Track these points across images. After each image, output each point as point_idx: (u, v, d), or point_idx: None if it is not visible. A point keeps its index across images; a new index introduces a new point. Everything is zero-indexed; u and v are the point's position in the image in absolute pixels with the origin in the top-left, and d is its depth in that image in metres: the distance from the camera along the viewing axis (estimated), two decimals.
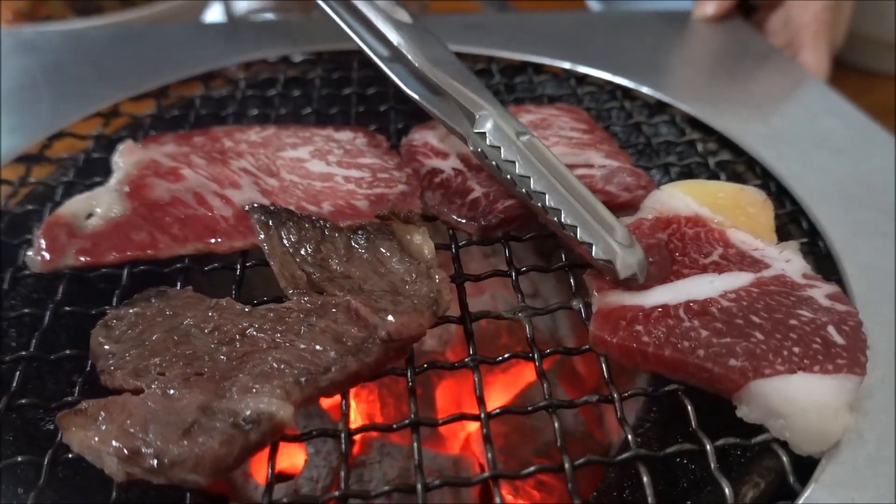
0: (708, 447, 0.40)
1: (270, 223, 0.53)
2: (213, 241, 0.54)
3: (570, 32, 0.89)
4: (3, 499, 0.41)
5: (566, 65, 0.81)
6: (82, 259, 0.52)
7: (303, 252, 0.52)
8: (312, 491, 0.66)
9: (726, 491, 0.38)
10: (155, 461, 0.37)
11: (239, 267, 0.53)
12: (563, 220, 0.49)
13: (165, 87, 0.75)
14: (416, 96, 0.61)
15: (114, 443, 0.38)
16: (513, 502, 0.70)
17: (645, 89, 0.76)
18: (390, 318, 0.44)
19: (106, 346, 0.44)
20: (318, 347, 0.44)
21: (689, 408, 0.42)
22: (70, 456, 0.39)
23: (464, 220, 0.56)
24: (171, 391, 0.41)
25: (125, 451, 0.37)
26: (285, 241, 0.52)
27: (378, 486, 0.68)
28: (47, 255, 0.52)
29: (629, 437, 0.41)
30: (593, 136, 0.65)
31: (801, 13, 0.84)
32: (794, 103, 0.74)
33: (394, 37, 0.63)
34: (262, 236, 0.53)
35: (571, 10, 1.00)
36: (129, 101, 0.73)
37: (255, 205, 0.55)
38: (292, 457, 0.73)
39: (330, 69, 0.82)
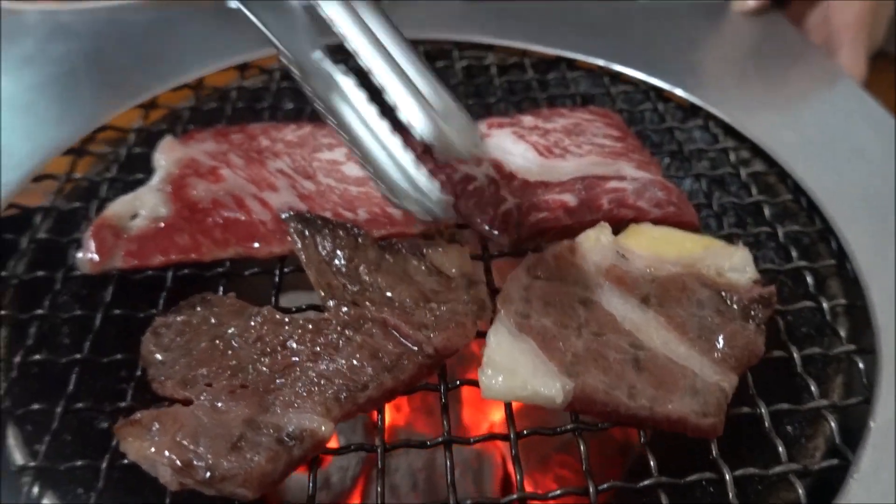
0: (727, 477, 0.42)
1: (306, 232, 0.55)
2: (253, 245, 0.56)
3: (605, 24, 0.88)
4: (65, 499, 0.44)
5: (600, 62, 0.80)
6: (129, 261, 0.54)
7: (337, 262, 0.53)
8: (342, 480, 0.69)
9: None
10: (207, 474, 0.39)
11: (278, 272, 0.55)
12: (388, 99, 0.47)
13: (201, 79, 0.76)
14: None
15: (166, 453, 0.40)
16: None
17: (679, 91, 0.75)
18: (435, 334, 0.46)
19: (157, 356, 0.47)
20: (355, 363, 0.46)
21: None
22: (125, 462, 0.42)
23: (496, 233, 0.57)
24: (219, 403, 0.43)
25: (178, 462, 0.40)
26: (321, 250, 0.54)
27: (404, 476, 0.72)
28: (96, 257, 0.54)
29: (651, 462, 0.43)
30: (625, 145, 0.65)
31: (842, 12, 0.82)
32: (828, 109, 0.73)
33: None
34: (300, 245, 0.54)
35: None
36: (168, 92, 0.74)
37: (292, 213, 0.56)
38: None
39: None
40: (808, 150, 0.66)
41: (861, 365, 0.48)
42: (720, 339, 0.46)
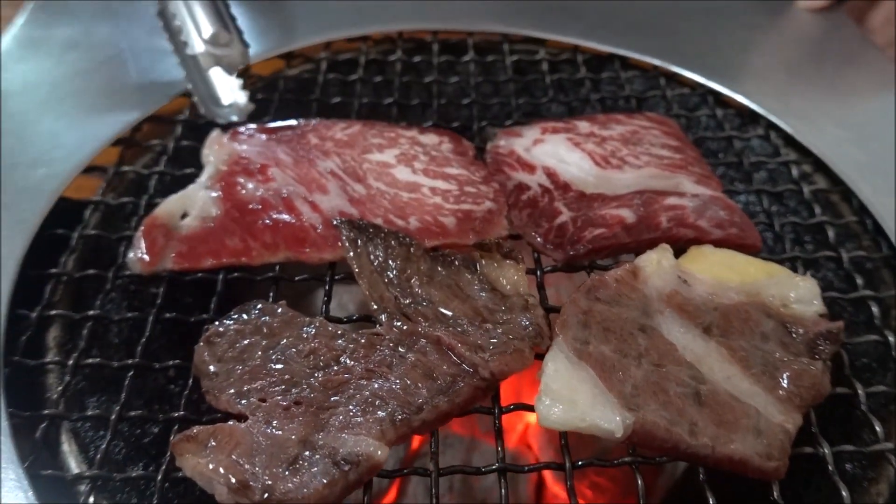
0: None
1: (359, 241, 0.54)
2: (304, 250, 0.55)
3: (662, 21, 0.85)
4: None
5: (656, 61, 0.77)
6: (180, 263, 0.54)
7: (389, 273, 0.52)
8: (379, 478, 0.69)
9: None
10: (264, 495, 0.39)
11: (328, 280, 0.55)
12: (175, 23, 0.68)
13: (248, 67, 0.75)
14: None
15: (223, 471, 0.40)
16: (565, 501, 0.73)
17: (739, 97, 0.73)
18: (492, 358, 0.45)
19: (210, 367, 0.46)
20: (409, 383, 0.45)
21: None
22: (180, 475, 0.42)
23: (550, 247, 0.56)
24: (274, 421, 0.43)
25: (234, 481, 0.40)
26: (373, 259, 0.53)
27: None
28: (147, 258, 0.53)
29: (711, 501, 0.42)
30: (684, 156, 0.63)
31: None
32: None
33: None
34: (352, 254, 0.54)
35: None
36: None
37: (343, 220, 0.55)
38: None
39: (410, 51, 0.80)
40: (875, 170, 0.63)
41: None
42: (785, 376, 0.45)
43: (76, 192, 0.61)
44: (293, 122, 0.66)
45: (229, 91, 0.66)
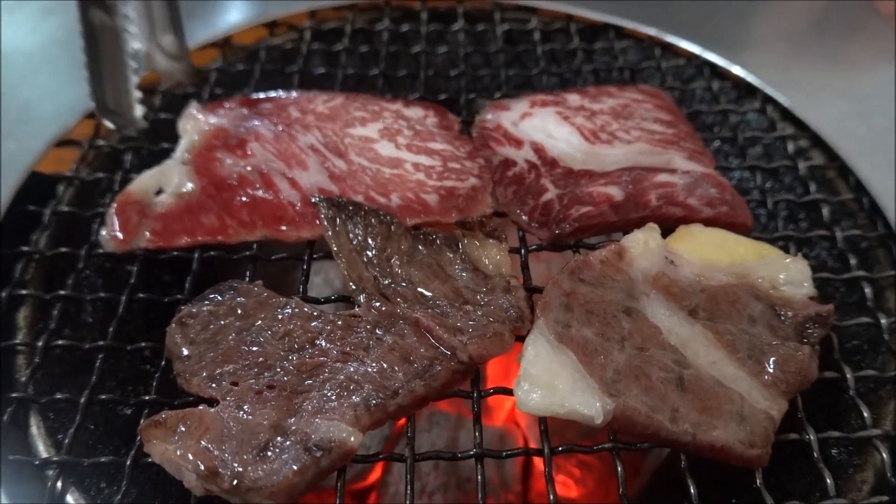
0: None
1: (338, 219, 0.52)
2: (281, 228, 0.54)
3: None
4: (88, 493, 0.44)
5: (651, 31, 0.75)
6: (154, 242, 0.52)
7: (369, 253, 0.51)
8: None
9: None
10: (234, 482, 0.38)
11: (306, 259, 0.53)
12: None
13: (229, 37, 0.72)
14: None
15: (191, 458, 0.39)
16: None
17: (736, 69, 0.70)
18: (471, 341, 0.44)
19: (183, 349, 0.45)
20: (385, 366, 0.44)
21: None
22: (150, 460, 0.41)
23: (535, 225, 0.54)
24: (245, 406, 0.42)
25: (203, 468, 0.39)
26: (352, 238, 0.52)
27: None
28: (120, 236, 0.52)
29: (692, 489, 0.41)
30: (676, 131, 0.61)
31: None
32: None
33: None
34: (330, 233, 0.52)
35: None
36: (193, 51, 0.71)
37: (322, 197, 0.54)
38: None
39: (398, 19, 0.78)
40: (875, 147, 0.61)
41: None
42: (771, 361, 0.43)
43: (49, 166, 0.59)
44: (274, 94, 0.64)
45: (123, 100, 0.60)
